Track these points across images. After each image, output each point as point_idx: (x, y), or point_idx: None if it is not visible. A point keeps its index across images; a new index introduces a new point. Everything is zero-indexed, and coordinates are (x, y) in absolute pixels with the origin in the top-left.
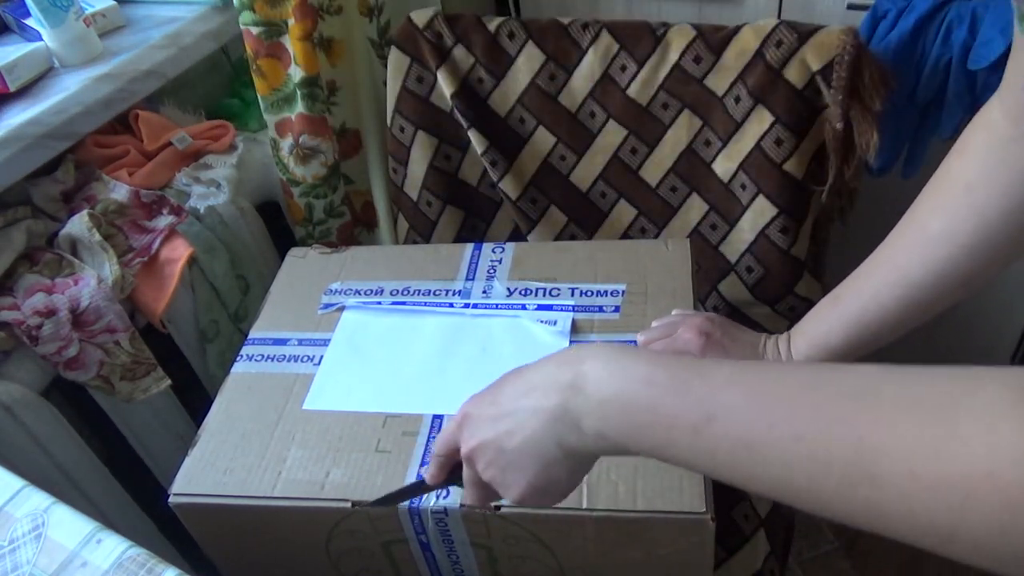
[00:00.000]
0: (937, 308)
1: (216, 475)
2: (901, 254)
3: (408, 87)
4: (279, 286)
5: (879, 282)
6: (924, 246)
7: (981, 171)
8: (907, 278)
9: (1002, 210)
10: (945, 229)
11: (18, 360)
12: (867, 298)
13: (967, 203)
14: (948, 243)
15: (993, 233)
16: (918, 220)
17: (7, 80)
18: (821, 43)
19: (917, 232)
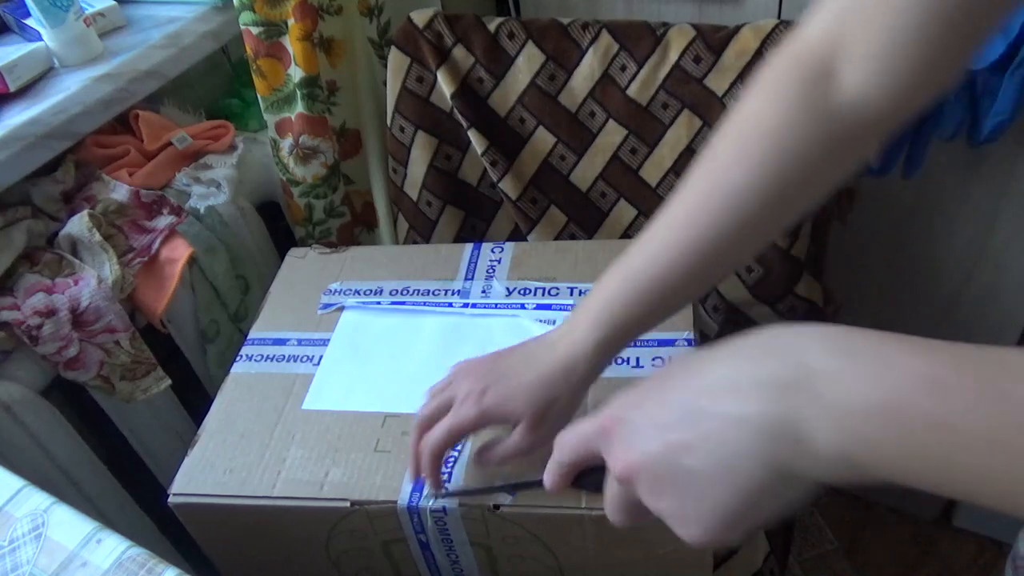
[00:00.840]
0: (735, 267)
1: (216, 475)
2: (700, 212)
3: (408, 87)
4: (279, 286)
5: (675, 248)
6: (724, 201)
7: (783, 119)
8: (701, 241)
9: (802, 163)
10: (745, 179)
11: (18, 360)
12: (663, 265)
13: (770, 153)
14: (748, 193)
15: (788, 183)
16: (718, 172)
17: (7, 80)
18: None
19: (716, 186)
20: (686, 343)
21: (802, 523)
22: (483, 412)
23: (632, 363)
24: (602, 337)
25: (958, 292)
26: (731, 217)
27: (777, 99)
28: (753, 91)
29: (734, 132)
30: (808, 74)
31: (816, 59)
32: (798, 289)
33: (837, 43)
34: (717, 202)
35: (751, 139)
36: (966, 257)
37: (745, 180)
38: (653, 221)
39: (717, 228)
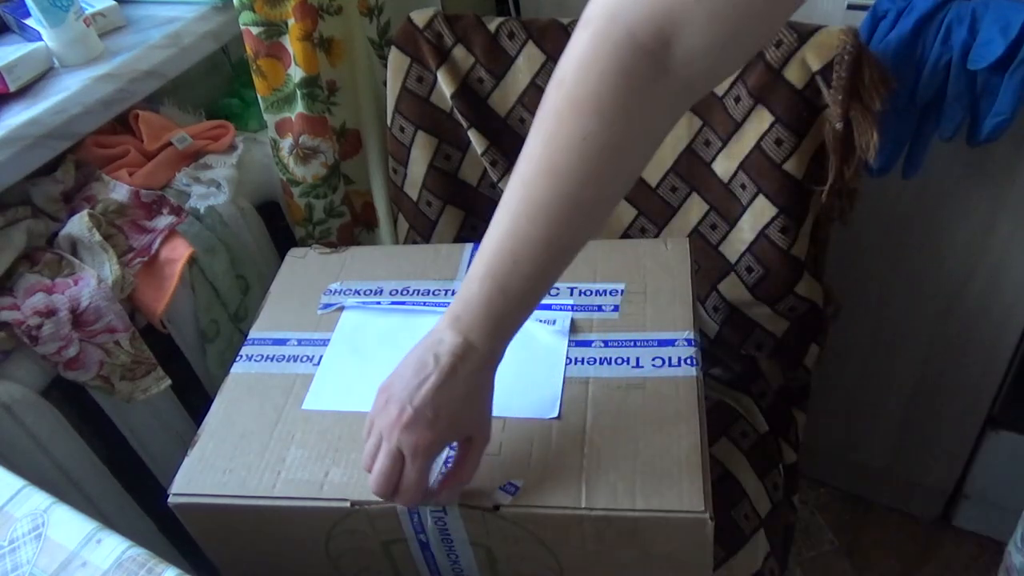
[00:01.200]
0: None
1: (216, 475)
2: (564, 230)
3: (408, 87)
4: (279, 286)
5: (543, 269)
6: (583, 217)
7: (626, 129)
8: (565, 257)
9: (647, 151)
10: (596, 197)
11: (18, 360)
12: (536, 280)
13: (618, 165)
14: (602, 210)
15: (637, 172)
16: (569, 194)
17: (7, 80)
18: (821, 43)
19: (572, 207)
20: (686, 343)
21: (802, 523)
22: (436, 452)
23: (632, 363)
24: (501, 345)
25: (958, 292)
26: (588, 227)
27: (616, 116)
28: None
29: (579, 155)
30: (640, 78)
31: (646, 57)
32: (798, 289)
33: (665, 35)
34: (576, 219)
35: (598, 162)
36: (966, 257)
37: (594, 197)
38: (509, 229)
39: (575, 240)
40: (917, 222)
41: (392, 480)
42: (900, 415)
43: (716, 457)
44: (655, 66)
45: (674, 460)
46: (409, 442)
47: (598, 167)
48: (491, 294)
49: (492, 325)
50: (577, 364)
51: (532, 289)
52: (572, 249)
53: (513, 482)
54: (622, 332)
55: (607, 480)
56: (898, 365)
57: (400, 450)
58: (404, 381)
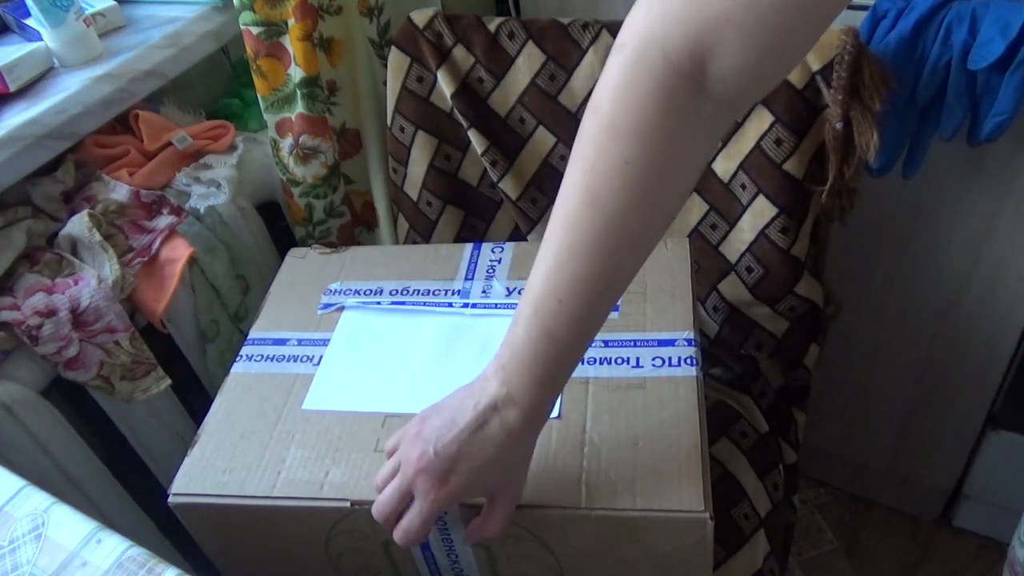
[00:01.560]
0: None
1: (215, 475)
2: (611, 265)
3: (408, 87)
4: (279, 286)
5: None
6: (633, 248)
7: (667, 154)
8: (617, 286)
9: (692, 174)
10: (646, 221)
11: (18, 360)
12: (585, 321)
13: (662, 189)
14: (652, 233)
15: (684, 195)
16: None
17: (7, 80)
18: (821, 43)
19: (619, 235)
20: (686, 343)
21: (802, 523)
22: (451, 503)
23: (632, 363)
24: (549, 396)
25: (958, 292)
26: (635, 257)
27: (656, 140)
28: (627, 135)
29: (622, 183)
30: (678, 102)
31: (683, 79)
32: (798, 289)
33: (699, 55)
34: (621, 249)
35: (642, 189)
36: (966, 257)
37: (643, 226)
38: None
39: (623, 272)
40: (917, 222)
41: (394, 513)
42: (900, 415)
43: (716, 457)
44: (692, 87)
45: (674, 460)
46: (422, 487)
47: (642, 193)
48: (536, 338)
49: (539, 373)
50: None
51: (580, 331)
52: (621, 283)
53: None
54: (622, 332)
55: (607, 480)
56: (898, 365)
57: (411, 490)
58: (439, 420)
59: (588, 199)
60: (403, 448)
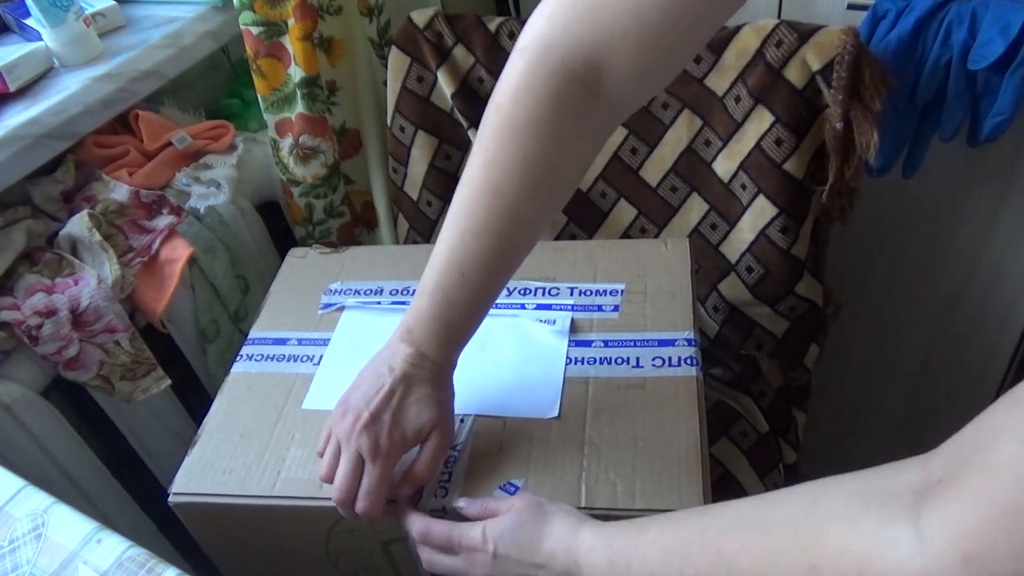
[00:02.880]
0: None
1: (216, 475)
2: (508, 247)
3: (408, 87)
4: (279, 286)
5: (490, 280)
6: (526, 234)
7: (562, 151)
8: (511, 267)
9: (581, 169)
10: (537, 212)
11: (18, 360)
12: (483, 292)
13: (556, 183)
14: (540, 221)
15: (574, 185)
16: (514, 214)
17: (7, 80)
18: (821, 43)
19: (515, 224)
20: (686, 343)
21: None
22: (398, 450)
23: (632, 363)
24: (453, 355)
25: (958, 292)
26: (529, 239)
27: (552, 139)
28: (526, 132)
29: (520, 176)
30: (574, 105)
31: (579, 85)
32: (798, 289)
33: (596, 64)
34: (518, 233)
35: (538, 182)
36: (966, 257)
37: (534, 213)
38: (457, 245)
39: (519, 251)
40: (917, 222)
41: (353, 486)
42: (900, 415)
43: (716, 457)
44: (587, 93)
45: (674, 460)
46: (368, 445)
47: (537, 186)
48: (441, 306)
49: (443, 335)
50: (577, 364)
51: (480, 301)
52: (515, 261)
53: (513, 482)
54: (622, 332)
55: (607, 480)
56: (898, 365)
57: (360, 454)
58: (360, 391)
59: (489, 189)
60: (336, 428)
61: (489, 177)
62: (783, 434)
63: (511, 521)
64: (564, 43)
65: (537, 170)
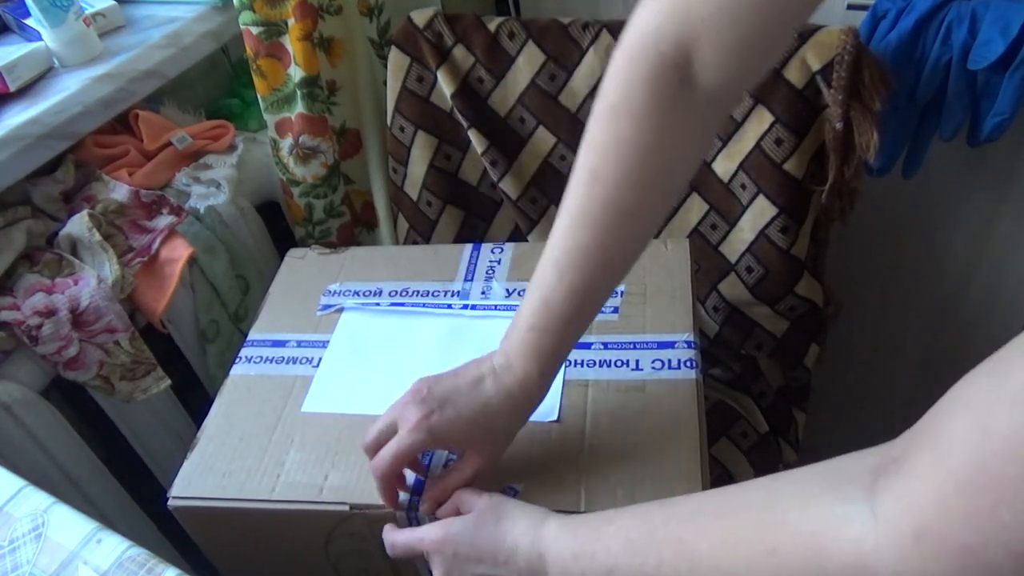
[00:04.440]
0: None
1: (215, 478)
2: (606, 237)
3: (408, 87)
4: (278, 287)
5: (588, 274)
6: (626, 222)
7: (659, 135)
8: (612, 260)
9: (682, 159)
10: (640, 200)
11: (18, 360)
12: (580, 294)
13: (656, 170)
14: (646, 211)
15: (678, 180)
16: (613, 200)
17: (7, 80)
18: (821, 43)
19: (615, 211)
20: (686, 345)
21: None
22: (428, 439)
23: (632, 366)
24: (543, 370)
25: (958, 292)
26: (632, 234)
27: (650, 121)
28: (623, 114)
29: (615, 158)
30: (669, 86)
31: (671, 67)
32: (798, 289)
33: (686, 49)
34: (620, 225)
35: (636, 165)
36: (966, 257)
37: (637, 202)
38: (562, 244)
39: (624, 246)
40: (917, 222)
41: (377, 443)
42: (900, 415)
43: (716, 457)
44: (680, 76)
45: (673, 463)
46: (407, 416)
47: (634, 169)
48: (535, 309)
49: (533, 343)
50: (577, 367)
51: (576, 304)
52: (618, 263)
53: (513, 485)
54: (622, 334)
55: (607, 483)
56: (898, 364)
57: (395, 422)
58: (443, 375)
59: (588, 174)
60: (403, 398)
61: (587, 163)
62: (783, 434)
63: (472, 520)
64: (657, 29)
65: (633, 152)
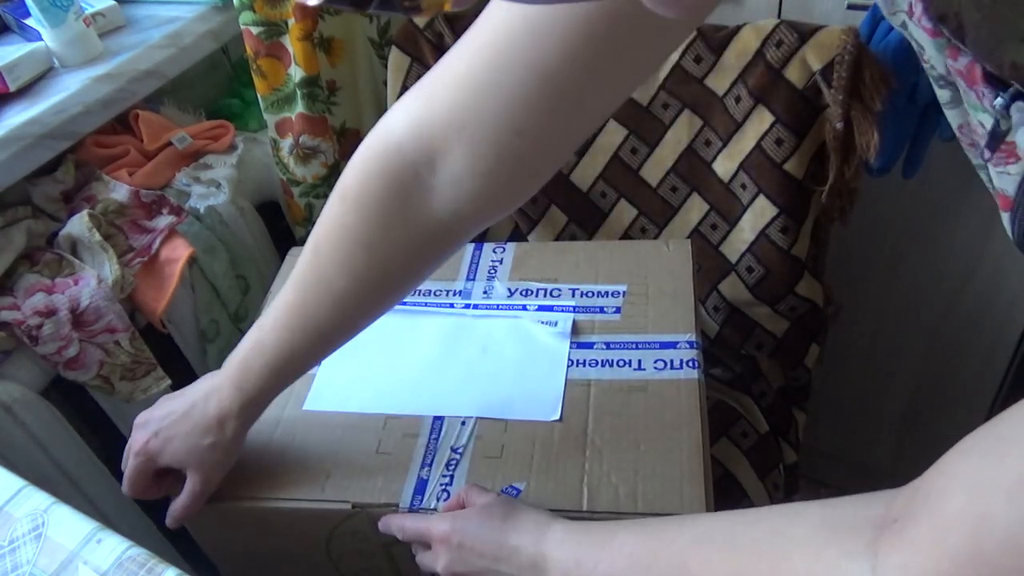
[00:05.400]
0: (346, 341)
1: None
2: (314, 309)
3: (408, 87)
4: (279, 286)
5: (299, 334)
6: (334, 303)
7: (381, 233)
8: (321, 329)
9: (403, 266)
10: (351, 288)
11: (18, 360)
12: (289, 349)
13: (371, 265)
14: (355, 299)
15: (393, 283)
16: (326, 278)
17: (7, 80)
18: (821, 43)
19: (325, 290)
20: (688, 345)
21: None
22: (148, 456)
23: (634, 365)
24: (244, 400)
25: (958, 292)
26: (339, 314)
27: (372, 215)
28: (349, 201)
29: (336, 240)
30: (401, 189)
31: (409, 171)
32: (799, 289)
33: (430, 156)
34: (327, 302)
35: (350, 252)
36: (966, 257)
37: (349, 288)
38: (283, 298)
39: (330, 321)
40: (917, 222)
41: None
42: (900, 415)
43: (717, 457)
44: (418, 180)
45: (675, 462)
46: (134, 438)
47: (350, 257)
48: (249, 344)
49: (240, 375)
50: (579, 366)
51: (285, 357)
52: (330, 331)
53: (515, 485)
54: (624, 334)
55: (609, 482)
56: (898, 365)
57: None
58: (175, 395)
59: (312, 244)
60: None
61: (315, 233)
62: (783, 434)
63: (478, 514)
64: (405, 130)
65: (352, 241)
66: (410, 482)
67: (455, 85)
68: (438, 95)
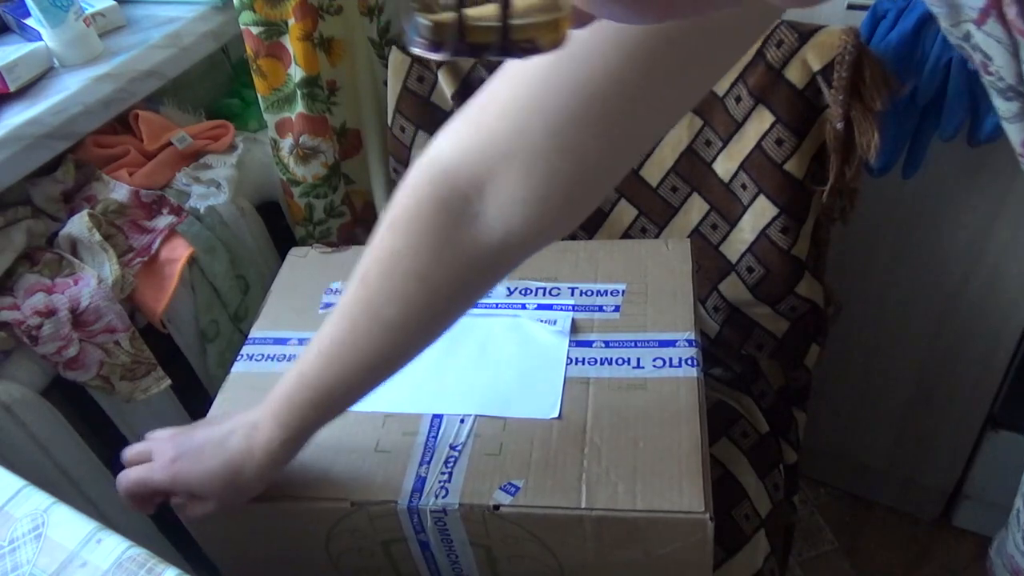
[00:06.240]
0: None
1: None
2: (363, 340)
3: (409, 87)
4: (280, 285)
5: (345, 367)
6: (383, 334)
7: (431, 260)
8: (368, 362)
9: (454, 294)
10: (400, 318)
11: (18, 360)
12: (334, 382)
13: (421, 293)
14: (404, 329)
15: (443, 312)
16: (374, 309)
17: (7, 80)
18: (822, 43)
19: (374, 320)
20: (687, 343)
21: (802, 523)
22: (171, 481)
23: (633, 364)
24: (286, 437)
25: (958, 292)
26: (387, 345)
27: (422, 242)
28: (399, 228)
29: (386, 269)
30: (451, 215)
31: (459, 198)
32: (799, 289)
33: (480, 182)
34: (377, 333)
35: (401, 280)
36: (966, 257)
37: (399, 318)
38: (328, 331)
39: (378, 352)
40: (917, 222)
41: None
42: (900, 415)
43: (716, 457)
44: (466, 208)
45: (674, 461)
46: (158, 453)
47: (399, 286)
48: (290, 377)
49: (282, 409)
50: (578, 364)
51: (328, 390)
52: (377, 363)
53: (513, 482)
54: (623, 332)
55: (607, 480)
56: (898, 365)
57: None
58: (205, 423)
59: (361, 274)
60: (171, 430)
61: (364, 263)
62: (783, 434)
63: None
64: (453, 153)
65: (402, 270)
66: (409, 480)
67: (500, 112)
68: (485, 122)
